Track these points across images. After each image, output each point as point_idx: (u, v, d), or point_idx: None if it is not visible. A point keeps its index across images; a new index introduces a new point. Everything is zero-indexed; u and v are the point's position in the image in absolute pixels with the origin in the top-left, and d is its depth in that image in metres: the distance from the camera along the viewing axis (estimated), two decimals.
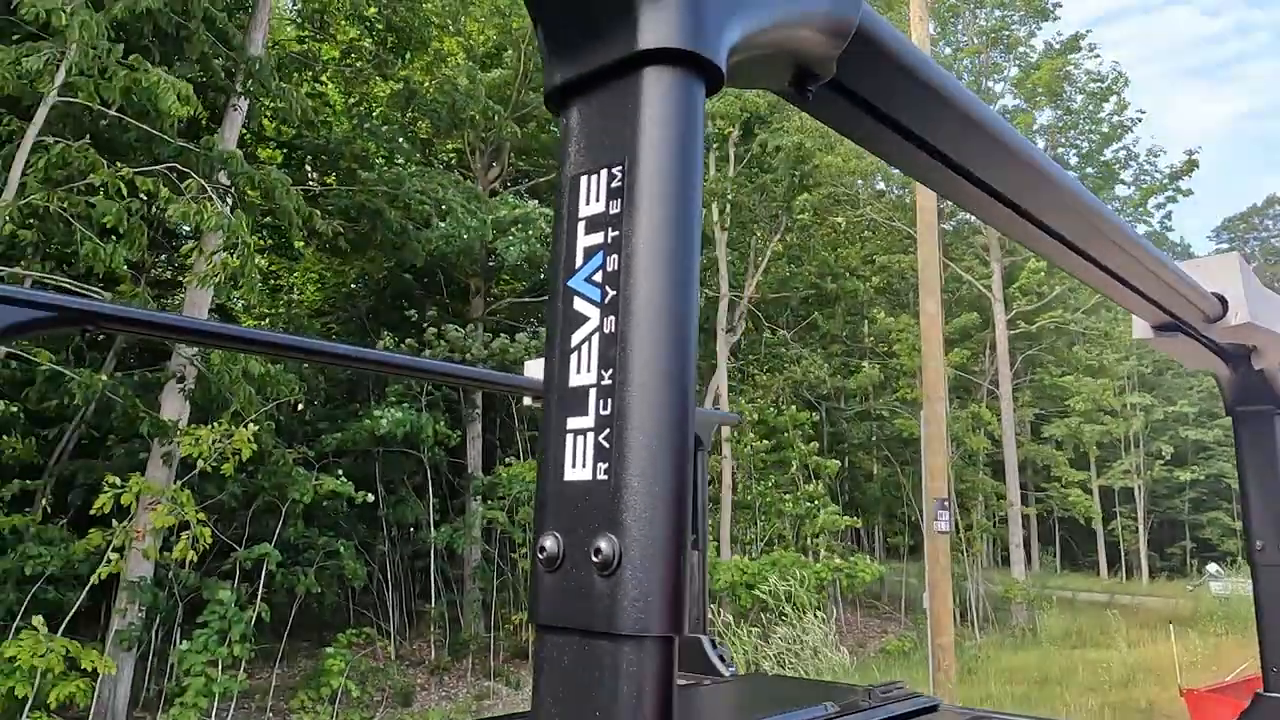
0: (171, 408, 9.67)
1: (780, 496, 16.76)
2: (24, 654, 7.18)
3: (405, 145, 15.35)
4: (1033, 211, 1.04)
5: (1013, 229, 1.08)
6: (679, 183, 0.57)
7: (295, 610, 11.46)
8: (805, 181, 17.39)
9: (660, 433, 0.54)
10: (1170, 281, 1.38)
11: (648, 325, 0.55)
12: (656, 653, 0.53)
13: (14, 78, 7.32)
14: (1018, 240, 1.17)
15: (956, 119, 0.84)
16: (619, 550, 0.53)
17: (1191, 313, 1.53)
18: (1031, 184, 0.99)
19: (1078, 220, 1.10)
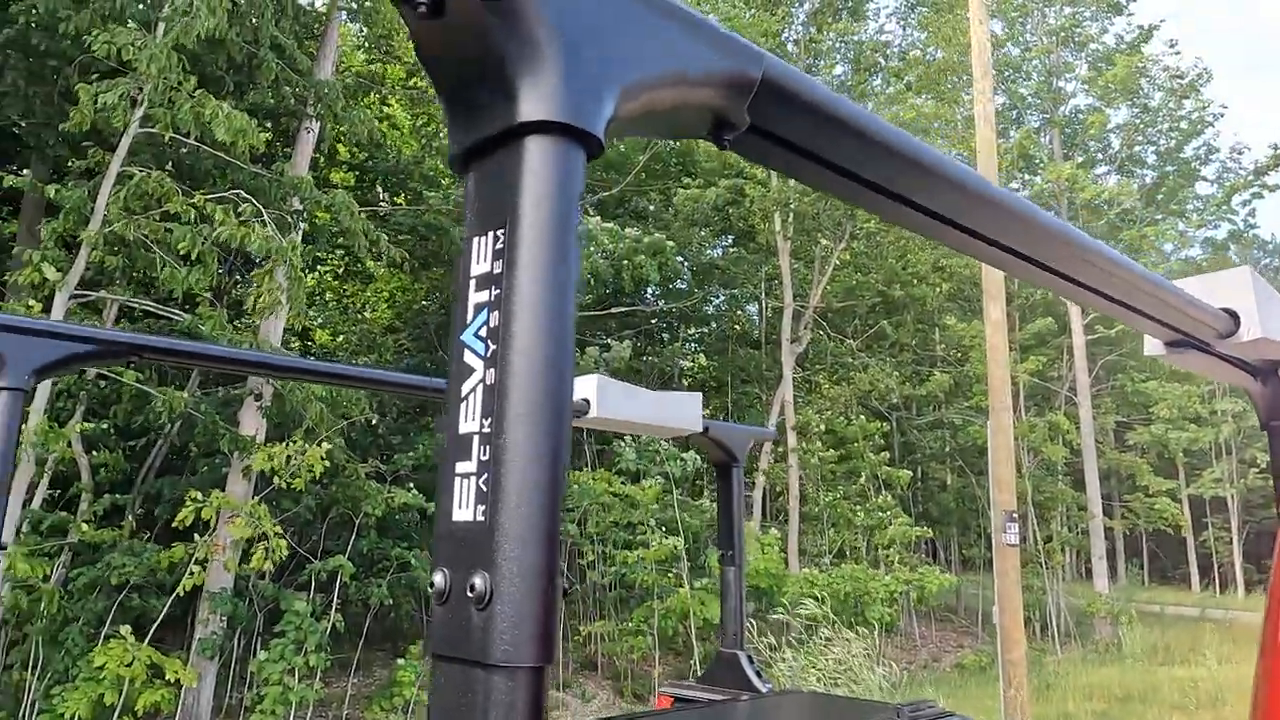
0: (250, 424, 10.04)
1: (850, 508, 16.54)
2: (112, 662, 7.53)
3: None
4: (987, 233, 1.07)
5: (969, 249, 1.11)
6: (554, 244, 0.62)
7: (369, 621, 11.74)
8: None
9: (531, 478, 0.59)
10: (1169, 300, 1.37)
11: (523, 379, 0.60)
12: (526, 681, 0.57)
13: (92, 112, 7.74)
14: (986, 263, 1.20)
15: (868, 145, 0.89)
16: (491, 586, 0.58)
17: (1201, 329, 1.52)
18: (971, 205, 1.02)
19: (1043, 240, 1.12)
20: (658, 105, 0.72)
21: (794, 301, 17.88)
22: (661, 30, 0.72)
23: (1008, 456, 9.25)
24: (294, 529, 10.94)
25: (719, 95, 0.77)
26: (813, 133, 0.86)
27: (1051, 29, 22.84)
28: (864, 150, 0.90)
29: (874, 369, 19.29)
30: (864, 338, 20.90)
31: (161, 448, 10.96)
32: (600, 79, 0.66)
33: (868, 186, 0.95)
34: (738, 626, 2.97)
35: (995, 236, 1.09)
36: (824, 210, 17.37)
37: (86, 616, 8.54)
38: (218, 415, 9.88)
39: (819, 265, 18.64)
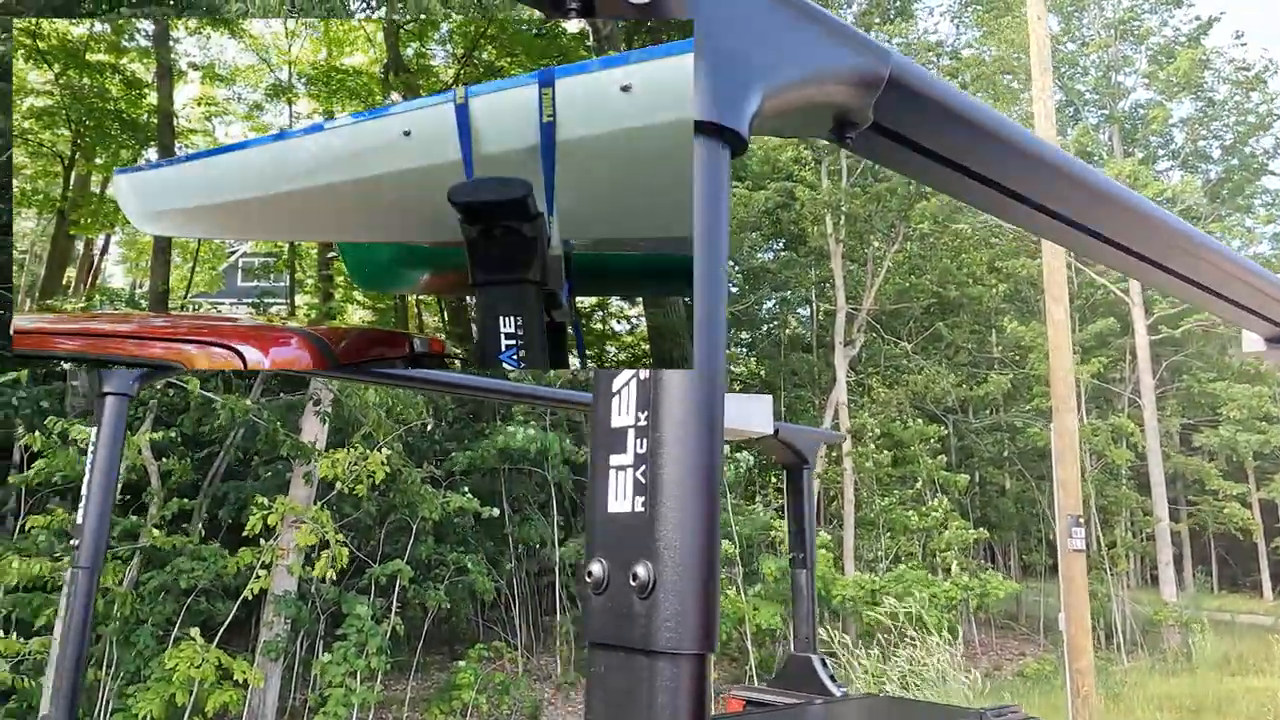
0: (310, 430, 10.24)
1: (905, 513, 16.33)
2: (182, 664, 7.72)
3: None
4: (1098, 229, 1.05)
5: (1082, 248, 1.10)
6: (704, 239, 0.63)
7: (428, 624, 11.89)
8: (922, 189, 16.99)
9: (690, 469, 0.60)
10: (1272, 293, 1.34)
11: (679, 372, 0.61)
12: (690, 668, 0.58)
13: None
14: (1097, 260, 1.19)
15: (995, 145, 0.89)
16: (654, 575, 0.59)
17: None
18: (1089, 202, 1.01)
19: (1149, 234, 1.10)
20: (793, 103, 0.73)
21: (846, 304, 17.72)
22: (800, 29, 0.73)
23: (1072, 459, 9.06)
24: (354, 533, 11.12)
25: (847, 93, 0.77)
26: (938, 132, 0.86)
27: (1109, 22, 22.38)
28: (991, 151, 0.90)
29: (929, 371, 19.03)
30: (919, 340, 20.64)
31: (226, 455, 11.23)
32: (744, 78, 0.67)
33: (993, 188, 0.94)
34: (810, 629, 2.95)
35: (1123, 240, 1.08)
36: (876, 212, 17.20)
37: (156, 619, 8.77)
38: (279, 422, 10.09)
39: (871, 267, 18.46)
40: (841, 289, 17.65)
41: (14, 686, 7.92)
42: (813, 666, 2.86)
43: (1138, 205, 1.05)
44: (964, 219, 19.66)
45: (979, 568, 17.24)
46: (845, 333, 17.58)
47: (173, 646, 8.16)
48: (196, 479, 10.56)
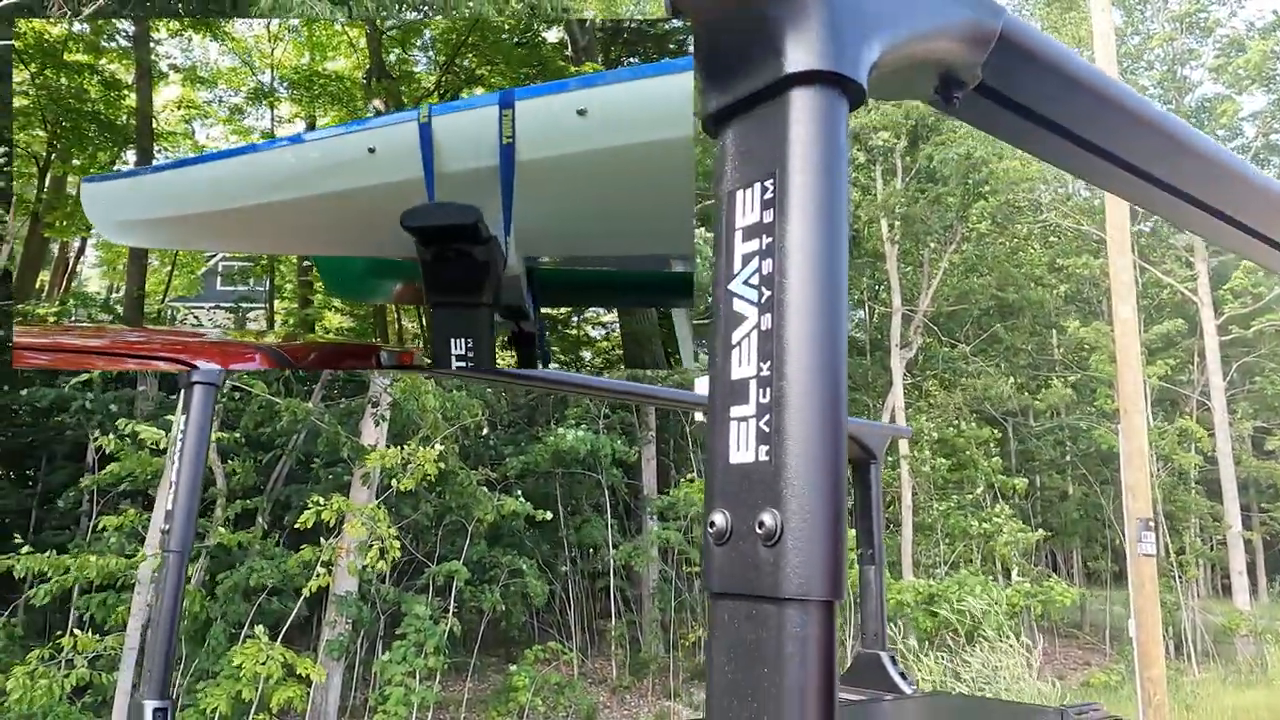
0: (370, 433, 10.40)
1: (964, 518, 16.03)
2: (248, 661, 7.89)
3: None
4: (1211, 203, 1.01)
5: (1191, 223, 1.06)
6: (825, 191, 0.63)
7: (484, 626, 11.99)
8: (980, 189, 16.70)
9: (815, 417, 0.59)
10: None
11: (800, 321, 0.60)
12: (819, 615, 0.57)
13: None
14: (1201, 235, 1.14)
15: (1112, 113, 0.85)
16: (781, 523, 0.58)
17: None
18: (1202, 174, 0.96)
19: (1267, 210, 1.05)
20: (905, 58, 0.72)
21: (902, 306, 17.49)
22: None
23: (1141, 462, 8.81)
24: (412, 534, 11.26)
25: (957, 49, 0.75)
26: (1051, 95, 0.83)
27: (1174, 15, 21.79)
28: (1109, 118, 0.86)
29: (988, 374, 18.69)
30: (976, 342, 20.28)
31: (288, 457, 11.47)
32: (863, 28, 0.66)
33: (1111, 160, 0.90)
34: (879, 626, 2.91)
35: (1246, 220, 1.03)
36: (933, 213, 16.95)
37: (229, 617, 8.99)
38: (339, 425, 10.28)
39: (928, 269, 18.20)
40: (897, 291, 17.43)
41: (90, 682, 8.17)
42: (882, 664, 2.82)
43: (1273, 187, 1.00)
44: (1023, 220, 19.28)
45: (1041, 574, 16.87)
46: (901, 335, 17.35)
47: (239, 644, 8.34)
48: (260, 481, 10.80)
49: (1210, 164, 0.94)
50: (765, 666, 0.57)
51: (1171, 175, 0.95)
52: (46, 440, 12.78)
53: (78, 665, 7.88)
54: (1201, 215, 1.01)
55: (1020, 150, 0.99)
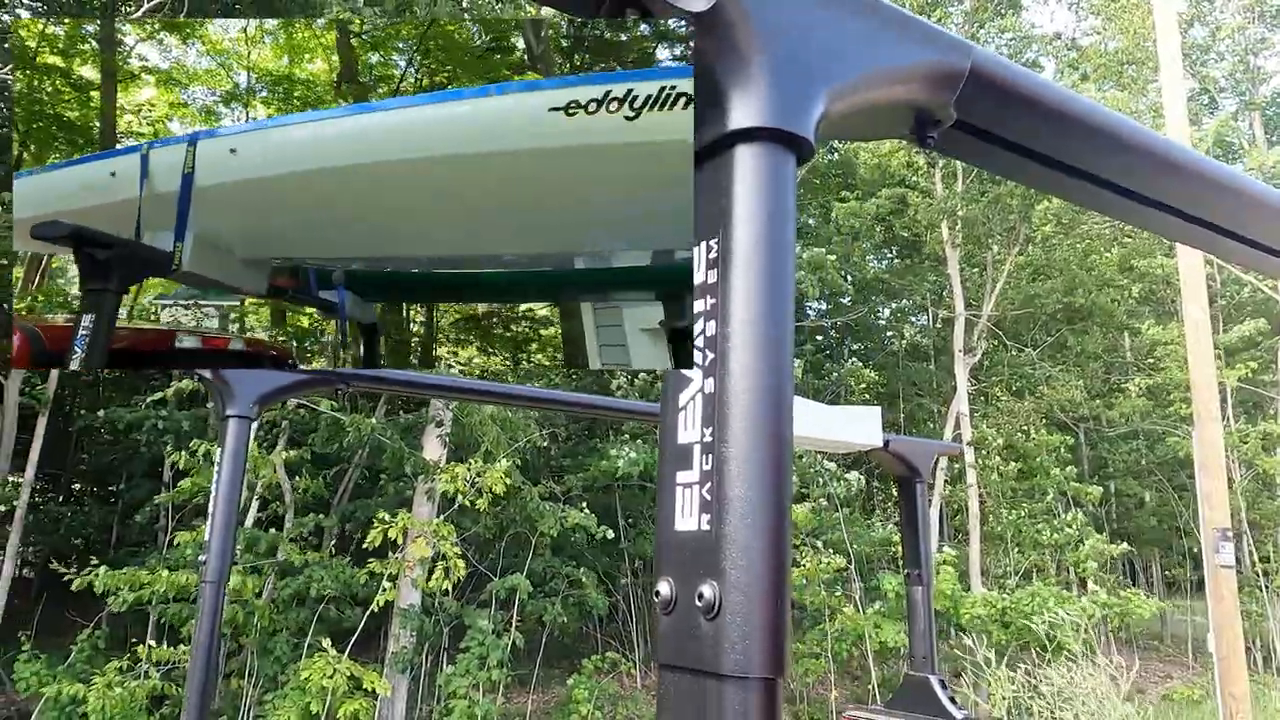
0: (432, 449, 10.56)
1: (1035, 526, 15.59)
2: (315, 674, 8.06)
3: None
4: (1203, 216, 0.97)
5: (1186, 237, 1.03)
6: (769, 251, 0.62)
7: (546, 638, 12.05)
8: None
9: (756, 486, 0.58)
10: None
11: (742, 386, 0.60)
12: (759, 693, 0.56)
13: None
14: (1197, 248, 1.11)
15: (1092, 136, 0.83)
16: (720, 595, 0.57)
17: None
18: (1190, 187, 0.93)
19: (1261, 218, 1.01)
20: (863, 104, 0.70)
21: (966, 311, 17.13)
22: (865, 26, 0.70)
23: (1218, 469, 8.47)
24: (474, 547, 11.38)
25: (924, 90, 0.74)
26: (1027, 126, 0.81)
27: (1246, 3, 21.01)
28: (1088, 143, 0.84)
29: (1057, 379, 18.17)
30: (1044, 346, 19.75)
31: (353, 472, 11.70)
32: (807, 81, 0.65)
33: (1092, 182, 0.88)
34: (928, 649, 2.84)
35: (1243, 232, 0.99)
36: (995, 216, 16.58)
37: (291, 626, 9.19)
38: (402, 441, 10.46)
39: (991, 272, 17.79)
40: (960, 295, 17.08)
41: (165, 693, 8.43)
42: (931, 688, 2.75)
43: (1258, 193, 0.97)
44: (1089, 220, 18.74)
45: (1118, 584, 16.32)
46: (965, 340, 16.99)
47: (306, 656, 8.52)
48: (327, 496, 11.04)
49: (1197, 176, 0.91)
50: None
51: (1160, 192, 0.92)
52: (126, 459, 13.27)
53: (152, 676, 8.14)
54: (1193, 228, 0.98)
55: (1006, 180, 0.97)
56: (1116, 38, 18.72)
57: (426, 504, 10.22)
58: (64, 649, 9.63)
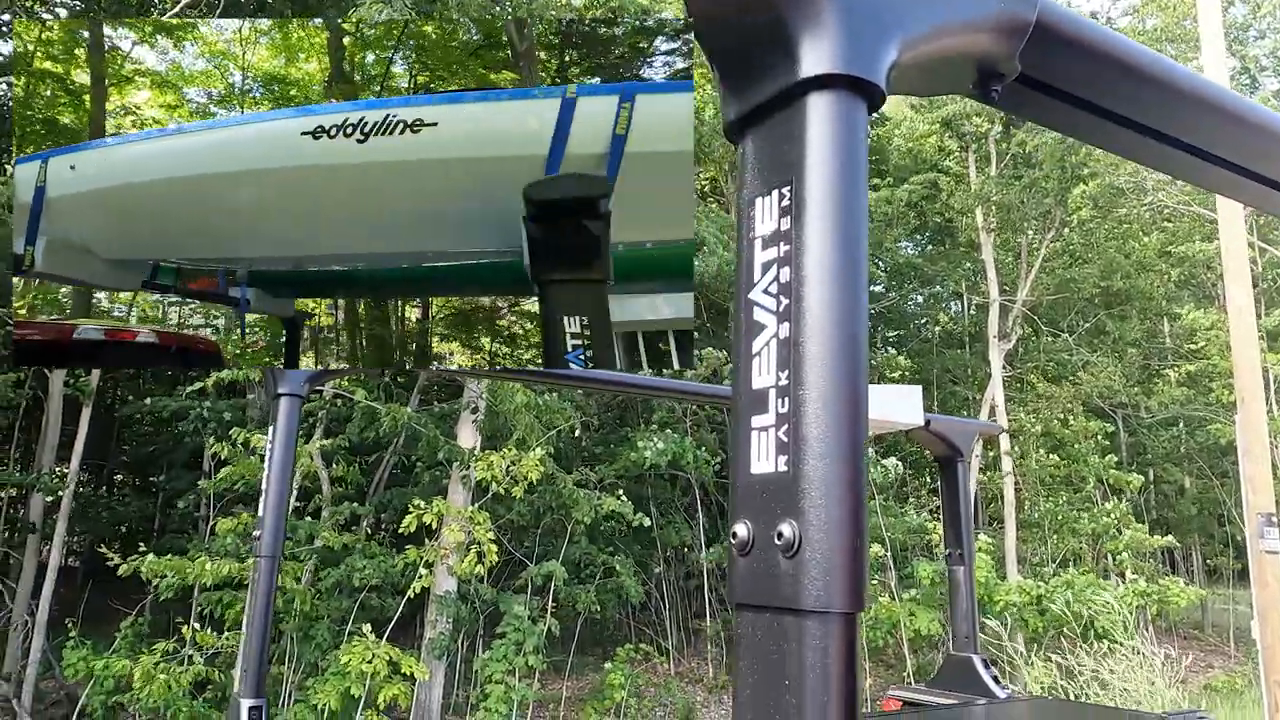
0: (466, 437, 10.64)
1: (1073, 515, 15.42)
2: (355, 659, 8.18)
3: None
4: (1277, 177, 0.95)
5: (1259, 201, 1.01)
6: (844, 196, 0.62)
7: (581, 625, 12.12)
8: (1078, 173, 16.02)
9: (833, 426, 0.59)
10: None
11: (818, 329, 0.60)
12: (839, 627, 0.57)
13: None
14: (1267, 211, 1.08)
15: (1161, 92, 0.82)
16: (799, 534, 0.58)
17: None
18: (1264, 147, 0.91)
19: None
20: (932, 54, 0.70)
21: (1000, 296, 16.93)
22: None
23: (1261, 453, 8.33)
24: (509, 534, 11.47)
25: (989, 40, 0.73)
26: (1093, 80, 0.80)
27: None
28: (1157, 99, 0.82)
29: (1095, 365, 17.92)
30: (1080, 332, 19.47)
31: (389, 461, 11.83)
32: (881, 29, 0.65)
33: (1162, 140, 0.86)
34: (970, 629, 2.83)
35: None
36: (1030, 200, 16.36)
37: (333, 614, 9.33)
38: (437, 429, 10.55)
39: (1026, 257, 17.58)
40: (994, 281, 16.88)
41: (209, 678, 8.60)
42: (974, 667, 2.74)
43: None
44: (1127, 203, 18.42)
45: (1157, 571, 16.10)
46: (1000, 326, 16.81)
47: (346, 642, 8.65)
48: (363, 484, 11.18)
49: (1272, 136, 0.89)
50: (786, 679, 0.58)
51: (1235, 153, 0.90)
52: (167, 449, 13.51)
53: (196, 661, 8.30)
54: (1274, 194, 0.96)
55: (1069, 138, 0.96)
56: (1155, 15, 18.35)
57: (462, 491, 10.31)
58: (108, 636, 9.86)
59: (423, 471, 11.58)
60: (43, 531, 11.09)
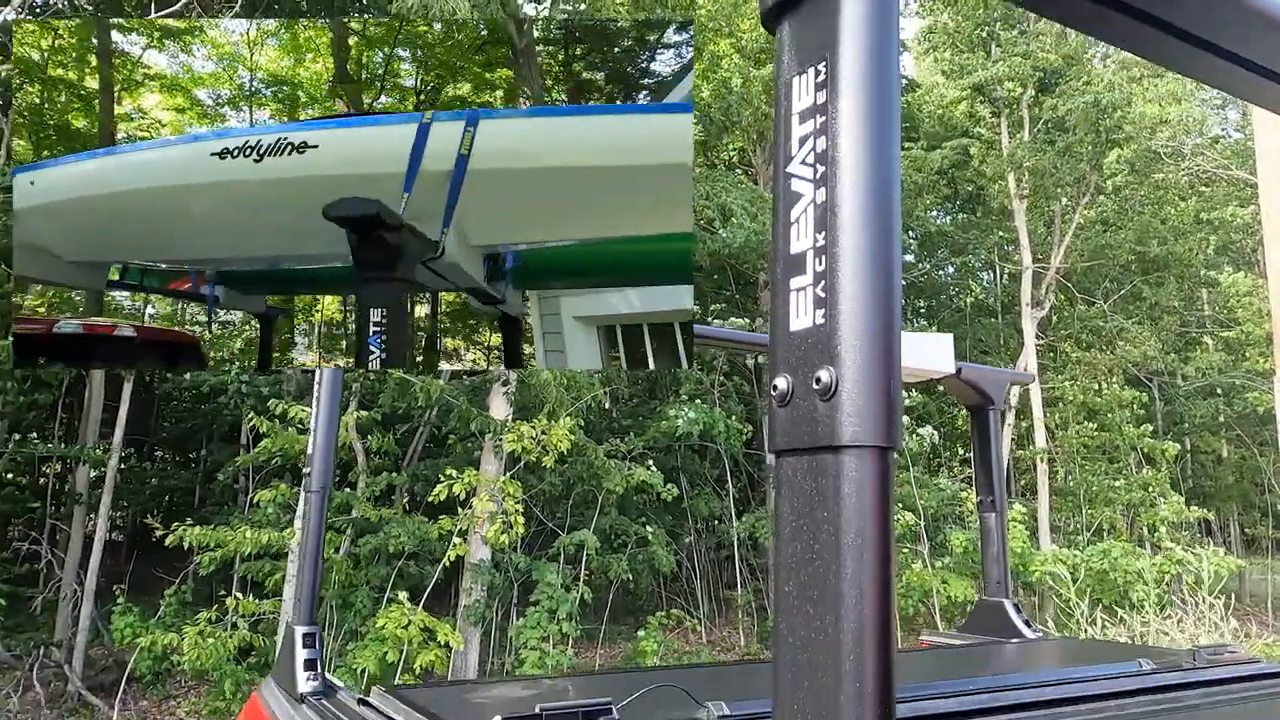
0: (498, 409, 10.75)
1: (1107, 484, 15.29)
2: (391, 624, 8.35)
3: None
4: None
5: None
6: (877, 66, 0.65)
7: (613, 594, 12.26)
8: (1113, 137, 15.74)
9: (868, 279, 0.63)
10: None
11: (853, 190, 0.64)
12: (874, 460, 0.61)
13: None
14: None
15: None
16: (836, 378, 0.62)
17: None
18: None
19: None
20: None
21: (1033, 264, 16.73)
22: None
23: None
24: (541, 504, 11.59)
25: None
26: None
27: None
28: None
29: (1130, 332, 17.69)
30: (1115, 299, 19.21)
31: (422, 433, 11.99)
32: None
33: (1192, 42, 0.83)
34: (1002, 573, 2.86)
35: None
36: (1064, 165, 16.11)
37: (372, 580, 9.51)
38: (469, 401, 10.66)
39: (1059, 224, 17.34)
40: (1027, 248, 16.68)
41: (252, 644, 8.82)
42: (1005, 610, 2.77)
43: None
44: (1164, 168, 18.09)
45: (1193, 540, 15.94)
46: (1033, 294, 16.62)
47: (384, 608, 8.82)
48: (398, 456, 11.34)
49: None
50: (825, 510, 0.61)
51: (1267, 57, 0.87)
52: (206, 423, 13.78)
53: (240, 627, 8.51)
54: None
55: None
56: None
57: (494, 461, 10.43)
58: (153, 604, 10.14)
59: (455, 443, 11.71)
60: (88, 503, 11.37)
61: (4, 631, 10.17)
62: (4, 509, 11.49)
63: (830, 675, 0.58)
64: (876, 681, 0.58)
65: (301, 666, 2.04)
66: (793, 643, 0.62)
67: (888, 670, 0.58)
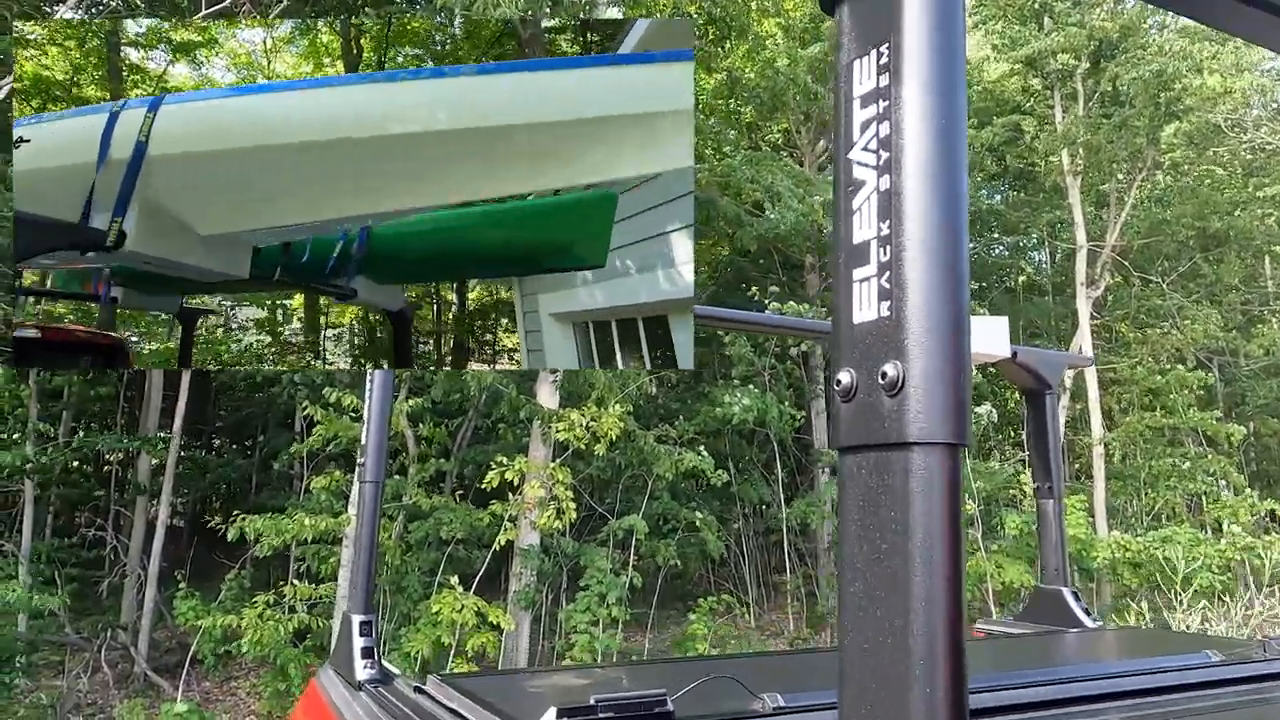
0: (545, 396, 10.81)
1: (1169, 468, 14.90)
2: (445, 609, 8.47)
3: (733, 134, 15.77)
4: None
5: None
6: (942, 49, 0.63)
7: (661, 580, 12.29)
8: (1172, 109, 15.24)
9: (935, 269, 0.60)
10: None
11: (919, 178, 0.62)
12: (942, 457, 0.59)
13: None
14: None
15: None
16: (903, 372, 0.59)
17: None
18: None
19: None
20: None
21: (1088, 242, 16.32)
22: None
23: None
24: (591, 490, 11.65)
25: None
26: None
27: None
28: None
29: (1190, 310, 17.18)
30: (1174, 277, 18.67)
31: (471, 421, 12.10)
32: None
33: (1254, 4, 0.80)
34: (1060, 561, 2.80)
35: None
36: (1120, 140, 15.65)
37: (423, 564, 9.66)
38: (518, 389, 10.74)
39: (1114, 201, 16.88)
40: (1081, 226, 16.26)
41: (310, 627, 9.02)
42: (1064, 599, 2.71)
43: None
44: (1224, 142, 17.51)
45: (1257, 525, 15.50)
46: (1088, 273, 16.23)
47: (436, 593, 8.96)
48: (448, 443, 11.47)
49: None
50: (892, 510, 0.59)
51: None
52: (262, 411, 14.07)
53: (299, 610, 8.70)
54: None
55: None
56: None
57: (543, 448, 10.49)
58: (214, 589, 10.41)
59: (506, 431, 11.81)
60: (150, 491, 11.70)
61: (73, 615, 10.53)
62: (71, 497, 11.88)
63: (900, 681, 0.57)
64: (948, 689, 0.56)
65: (359, 654, 2.07)
66: (861, 645, 0.60)
67: (960, 677, 0.56)
